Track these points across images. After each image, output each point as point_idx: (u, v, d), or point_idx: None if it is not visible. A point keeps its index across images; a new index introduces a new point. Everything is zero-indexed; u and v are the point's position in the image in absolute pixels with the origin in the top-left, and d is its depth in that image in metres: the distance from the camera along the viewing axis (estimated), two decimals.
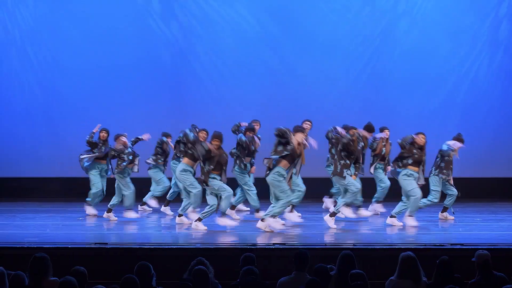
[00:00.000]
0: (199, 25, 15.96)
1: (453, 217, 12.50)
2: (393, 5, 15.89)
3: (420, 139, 11.64)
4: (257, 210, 12.61)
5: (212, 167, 11.24)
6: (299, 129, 11.20)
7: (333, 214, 11.66)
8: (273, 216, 11.05)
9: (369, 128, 12.51)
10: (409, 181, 11.60)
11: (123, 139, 12.51)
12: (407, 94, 15.84)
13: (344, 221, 12.33)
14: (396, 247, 9.69)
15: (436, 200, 12.19)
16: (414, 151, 11.60)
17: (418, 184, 11.65)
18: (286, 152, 10.91)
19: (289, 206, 11.83)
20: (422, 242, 10.37)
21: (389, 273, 7.38)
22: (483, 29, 15.92)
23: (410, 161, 11.61)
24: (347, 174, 11.54)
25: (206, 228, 11.32)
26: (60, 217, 13.08)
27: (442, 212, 12.55)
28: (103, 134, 13.18)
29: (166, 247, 9.87)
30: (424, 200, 12.08)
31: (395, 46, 15.90)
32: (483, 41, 15.90)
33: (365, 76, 15.91)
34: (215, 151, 11.25)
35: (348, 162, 11.58)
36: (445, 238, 10.68)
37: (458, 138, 12.35)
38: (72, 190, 15.60)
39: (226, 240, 10.62)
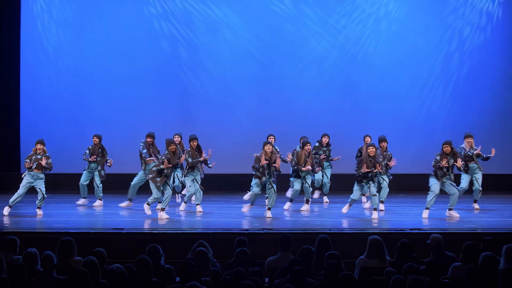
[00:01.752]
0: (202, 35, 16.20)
1: None
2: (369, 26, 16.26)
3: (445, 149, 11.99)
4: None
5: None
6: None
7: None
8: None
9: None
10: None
11: None
12: (379, 115, 16.12)
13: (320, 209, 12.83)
14: (365, 231, 10.02)
15: None
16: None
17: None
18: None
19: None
20: (386, 227, 10.67)
21: (359, 253, 7.85)
22: (438, 61, 16.13)
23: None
24: None
25: (168, 217, 11.69)
26: (83, 206, 13.23)
27: None
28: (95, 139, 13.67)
29: (173, 231, 10.14)
30: None
31: (368, 66, 16.28)
32: (438, 71, 16.11)
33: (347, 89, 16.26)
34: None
35: None
36: (405, 224, 10.79)
37: None
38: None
39: (223, 226, 10.74)
